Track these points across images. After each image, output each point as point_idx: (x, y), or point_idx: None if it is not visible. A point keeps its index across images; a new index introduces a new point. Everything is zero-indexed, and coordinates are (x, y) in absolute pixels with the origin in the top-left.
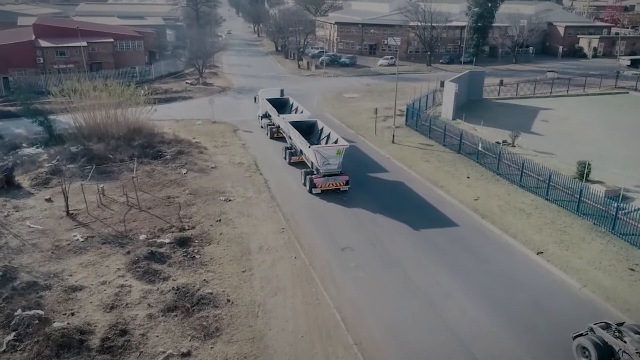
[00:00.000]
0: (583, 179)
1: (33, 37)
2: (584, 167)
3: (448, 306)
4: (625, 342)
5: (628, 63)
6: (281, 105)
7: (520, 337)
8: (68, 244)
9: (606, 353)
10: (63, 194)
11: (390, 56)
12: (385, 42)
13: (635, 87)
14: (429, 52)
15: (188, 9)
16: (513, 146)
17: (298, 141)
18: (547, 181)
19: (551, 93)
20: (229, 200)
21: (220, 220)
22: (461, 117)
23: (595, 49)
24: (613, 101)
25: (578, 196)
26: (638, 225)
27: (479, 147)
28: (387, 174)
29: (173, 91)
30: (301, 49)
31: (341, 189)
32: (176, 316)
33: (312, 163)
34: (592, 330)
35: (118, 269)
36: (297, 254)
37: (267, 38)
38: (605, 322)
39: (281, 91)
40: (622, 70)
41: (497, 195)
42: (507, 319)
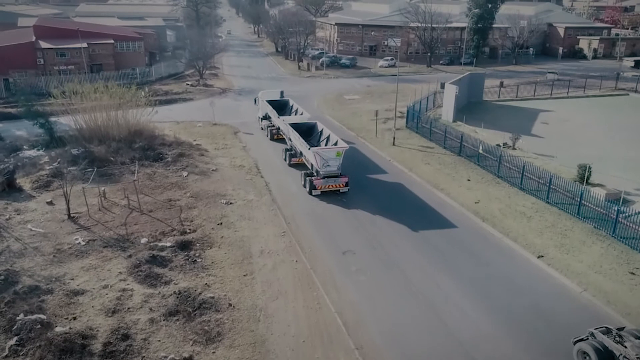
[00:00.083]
0: (583, 182)
1: (33, 39)
2: (585, 170)
3: (449, 310)
4: (625, 347)
5: (632, 64)
6: (281, 106)
7: (520, 341)
8: (70, 248)
9: (607, 358)
10: (64, 197)
11: (390, 57)
12: (385, 43)
13: (635, 89)
14: (429, 54)
15: (188, 10)
16: (513, 149)
17: (298, 143)
18: (548, 184)
19: (551, 95)
20: (230, 203)
21: (221, 223)
22: (462, 120)
23: (595, 50)
24: (613, 103)
25: (579, 199)
26: (639, 228)
27: (480, 150)
28: (388, 176)
29: (173, 93)
30: (301, 50)
31: (341, 191)
32: (178, 320)
33: (312, 165)
34: (593, 335)
35: (120, 273)
36: (298, 258)
37: (267, 39)
38: (605, 327)
39: (281, 93)
40: (624, 71)
41: (498, 198)
42: (508, 323)
